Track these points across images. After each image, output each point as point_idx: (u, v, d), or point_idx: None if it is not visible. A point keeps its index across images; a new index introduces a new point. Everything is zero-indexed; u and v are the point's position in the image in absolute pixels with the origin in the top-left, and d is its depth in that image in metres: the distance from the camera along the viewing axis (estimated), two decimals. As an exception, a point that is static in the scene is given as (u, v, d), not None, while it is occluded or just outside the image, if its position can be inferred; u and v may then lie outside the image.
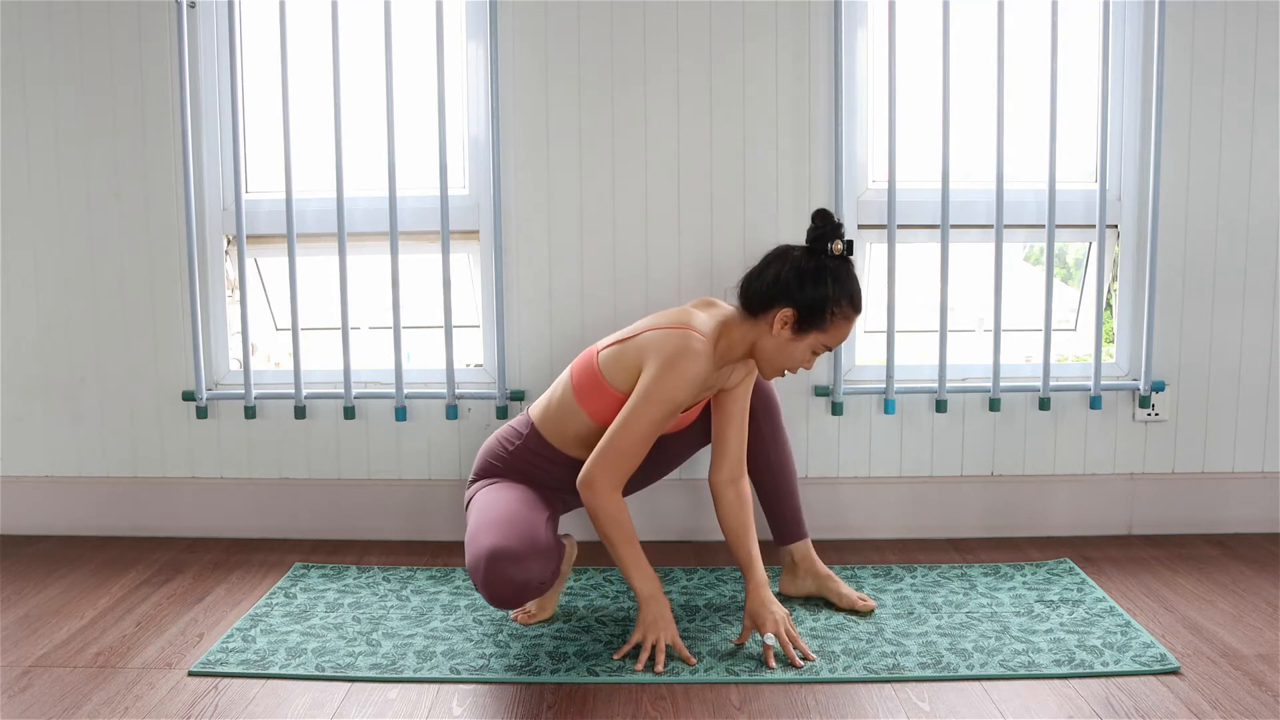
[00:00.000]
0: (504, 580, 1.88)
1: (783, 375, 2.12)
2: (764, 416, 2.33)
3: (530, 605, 2.25)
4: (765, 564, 2.55)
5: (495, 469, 2.19)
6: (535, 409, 2.19)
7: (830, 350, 2.11)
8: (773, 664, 1.99)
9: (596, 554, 2.64)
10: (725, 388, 2.20)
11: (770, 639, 2.03)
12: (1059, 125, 2.61)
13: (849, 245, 2.05)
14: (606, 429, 2.05)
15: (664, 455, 2.31)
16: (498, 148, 2.66)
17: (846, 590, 2.28)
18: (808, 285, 2.02)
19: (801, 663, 1.99)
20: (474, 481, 2.21)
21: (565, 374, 2.16)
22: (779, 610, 2.09)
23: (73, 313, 2.79)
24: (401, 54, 2.68)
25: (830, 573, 2.32)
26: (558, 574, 2.00)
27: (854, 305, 2.06)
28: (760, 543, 2.72)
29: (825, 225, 2.04)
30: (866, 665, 1.98)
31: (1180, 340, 2.72)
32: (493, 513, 2.01)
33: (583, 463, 2.12)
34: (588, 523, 2.76)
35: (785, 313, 2.02)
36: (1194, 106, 2.65)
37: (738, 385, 2.20)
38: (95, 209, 2.75)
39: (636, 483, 2.30)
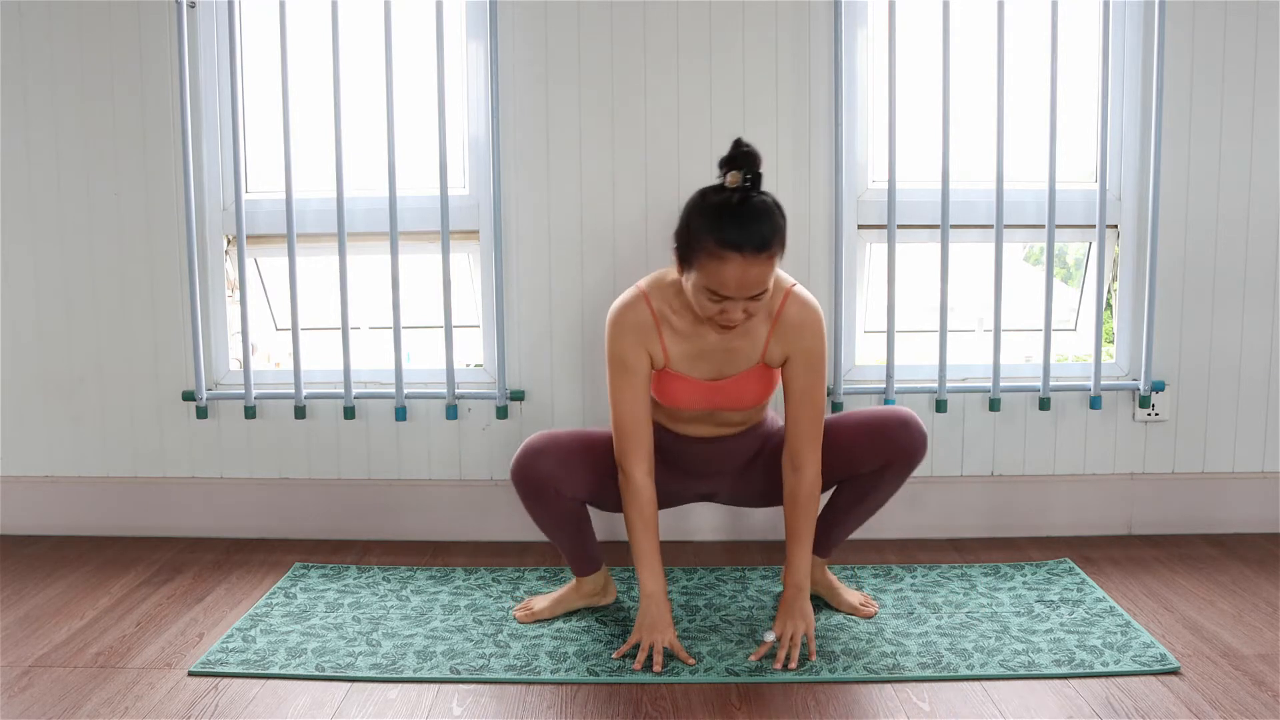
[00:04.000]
0: (519, 463, 2.08)
1: (721, 327, 1.93)
2: (895, 463, 2.11)
3: (532, 603, 2.25)
4: (767, 563, 2.56)
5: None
6: None
7: (733, 299, 1.84)
8: (757, 657, 1.99)
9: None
10: (769, 362, 2.04)
11: (770, 636, 2.02)
12: (1059, 125, 2.61)
13: (750, 179, 1.85)
14: (660, 404, 2.12)
15: (750, 488, 2.24)
16: (498, 148, 2.66)
17: (847, 597, 2.27)
18: (683, 218, 1.89)
19: (795, 664, 1.98)
20: None
21: None
22: (800, 621, 2.03)
23: (73, 313, 2.79)
24: (401, 54, 2.68)
25: (833, 582, 2.29)
26: (574, 494, 2.09)
27: (720, 239, 1.79)
28: (770, 543, 2.73)
29: (733, 152, 1.87)
30: (866, 665, 1.98)
31: (1180, 340, 2.72)
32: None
33: (688, 439, 2.18)
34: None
35: (673, 251, 1.92)
36: (1194, 106, 2.65)
37: (790, 362, 2.03)
38: (95, 209, 2.75)
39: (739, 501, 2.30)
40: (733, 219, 1.82)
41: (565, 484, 2.08)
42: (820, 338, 2.03)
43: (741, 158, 1.87)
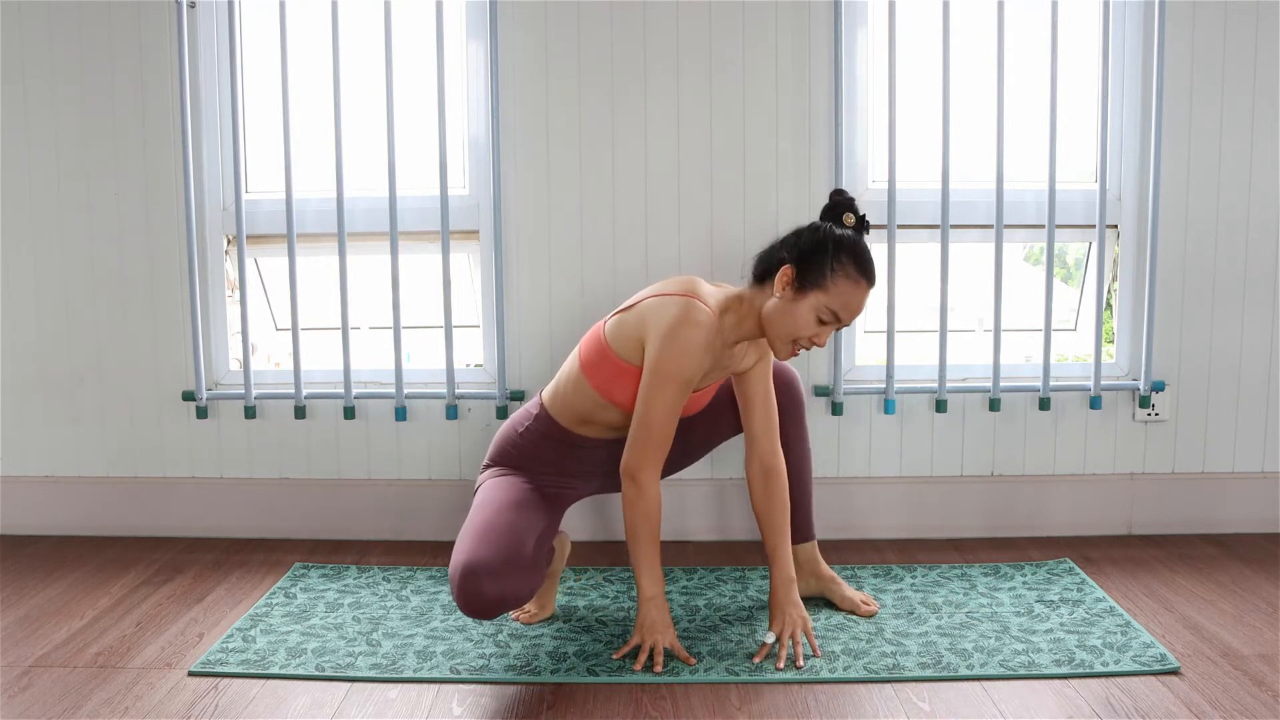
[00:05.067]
0: (476, 594, 1.86)
1: (794, 352, 2.00)
2: (789, 414, 2.28)
3: (530, 605, 2.25)
4: (767, 563, 2.56)
5: (509, 454, 2.18)
6: (546, 389, 2.19)
7: (841, 322, 1.98)
8: (759, 658, 2.00)
9: (596, 554, 2.64)
10: (738, 370, 2.14)
11: (770, 636, 2.03)
12: (1059, 125, 2.61)
13: (862, 220, 2.01)
14: (609, 403, 2.06)
15: (691, 439, 2.27)
16: (498, 148, 2.66)
17: (849, 593, 2.28)
18: (807, 240, 1.97)
19: (802, 663, 1.98)
20: (487, 467, 2.21)
21: (575, 350, 2.15)
22: (794, 612, 2.07)
23: (73, 313, 2.79)
24: (401, 54, 2.68)
25: (834, 575, 2.31)
26: (537, 589, 1.96)
27: (859, 266, 1.96)
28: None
29: (840, 199, 2.02)
30: (866, 665, 1.98)
31: (1180, 340, 2.72)
32: (483, 515, 2.00)
33: (592, 442, 2.15)
34: (586, 520, 2.76)
35: (786, 270, 1.96)
36: (1194, 106, 2.65)
37: (753, 367, 2.14)
38: (95, 209, 2.75)
39: (667, 468, 2.26)
40: (867, 253, 1.98)
41: (523, 597, 1.93)
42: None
43: (850, 202, 2.03)
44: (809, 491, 2.34)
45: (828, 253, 1.95)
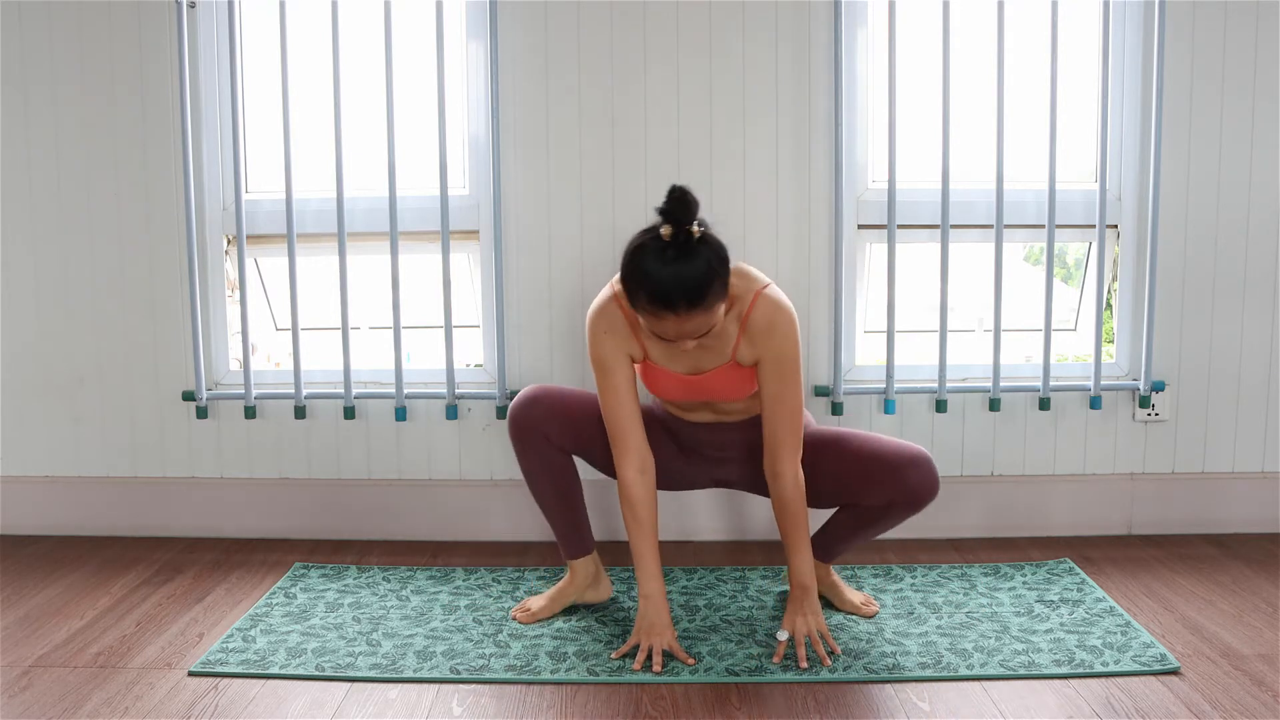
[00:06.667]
0: (512, 409, 2.15)
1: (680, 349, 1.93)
2: (891, 515, 2.10)
3: (529, 603, 2.25)
4: (767, 563, 2.56)
5: None
6: None
7: (667, 339, 1.87)
8: (778, 659, 1.99)
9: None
10: (741, 361, 2.02)
11: (783, 635, 2.02)
12: (1059, 125, 2.61)
13: (679, 236, 1.78)
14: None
15: (698, 457, 2.25)
16: (498, 148, 2.66)
17: (850, 595, 2.27)
18: (623, 261, 1.84)
19: (805, 663, 1.98)
20: None
21: None
22: (810, 617, 2.03)
23: (73, 313, 2.79)
24: (401, 54, 2.68)
25: (836, 579, 2.30)
26: (561, 443, 2.13)
27: (651, 298, 1.78)
28: (770, 543, 2.73)
29: (664, 204, 1.80)
30: (866, 665, 1.98)
31: (1180, 340, 2.72)
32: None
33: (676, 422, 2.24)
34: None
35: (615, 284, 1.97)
36: (1194, 106, 2.65)
37: (761, 366, 2.00)
38: (95, 209, 2.75)
39: (670, 482, 2.28)
40: (666, 282, 1.77)
41: (554, 432, 2.14)
42: (791, 340, 1.97)
43: (676, 207, 1.79)
44: (857, 543, 2.22)
45: (628, 280, 1.83)
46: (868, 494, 2.07)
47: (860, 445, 2.10)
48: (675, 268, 1.77)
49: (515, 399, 2.19)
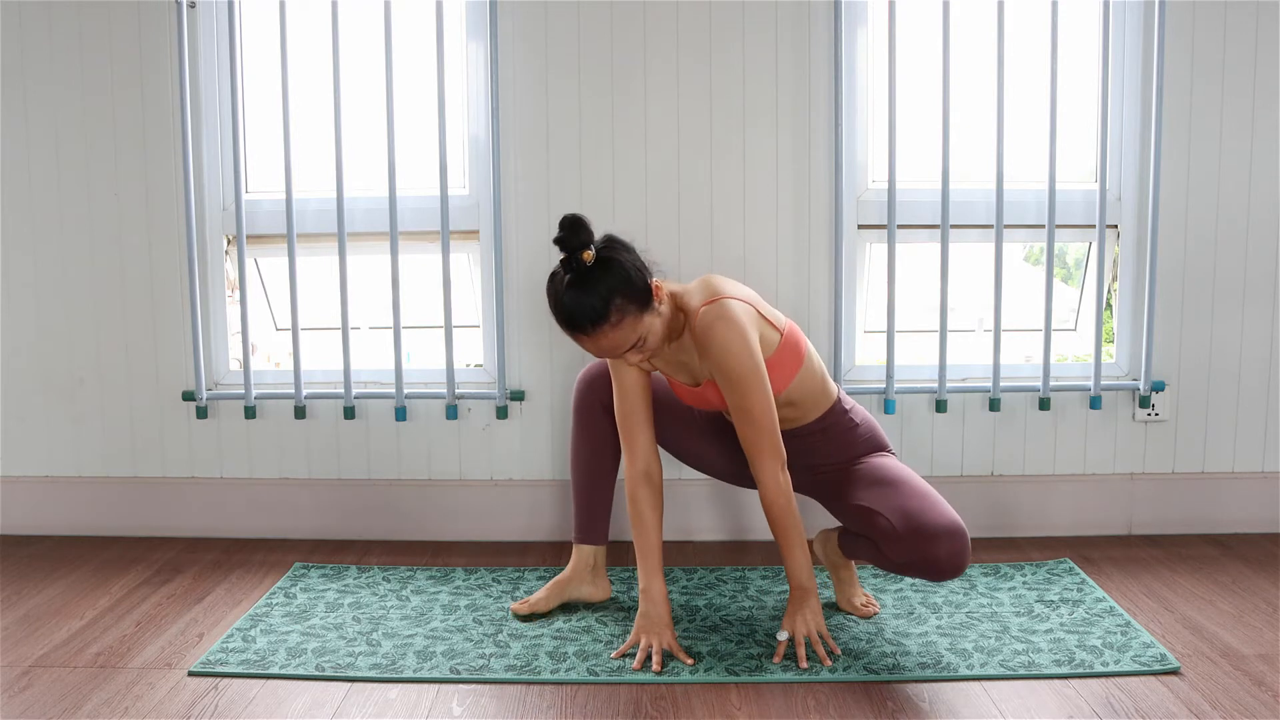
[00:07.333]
0: (581, 377, 2.26)
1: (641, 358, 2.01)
2: (916, 570, 2.02)
3: (529, 598, 2.26)
4: (767, 563, 2.56)
5: None
6: None
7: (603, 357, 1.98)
8: (779, 659, 1.99)
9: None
10: (707, 375, 2.06)
11: (783, 635, 2.02)
12: (1059, 125, 2.61)
13: (571, 261, 1.87)
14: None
15: (701, 436, 2.27)
16: (498, 148, 2.66)
17: (853, 595, 2.26)
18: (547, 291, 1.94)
19: (806, 663, 1.98)
20: None
21: None
22: (809, 618, 2.02)
23: (73, 313, 2.79)
24: (401, 54, 2.68)
25: (853, 570, 2.27)
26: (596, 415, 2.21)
27: (565, 327, 1.90)
28: (770, 542, 2.72)
29: (560, 233, 1.88)
30: (866, 665, 1.98)
31: (1180, 340, 2.72)
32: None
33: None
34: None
35: None
36: (1194, 106, 2.65)
37: (714, 376, 2.00)
38: (95, 209, 2.75)
39: (693, 460, 2.32)
40: (567, 306, 1.88)
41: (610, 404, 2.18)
42: (731, 352, 1.93)
43: (569, 235, 1.87)
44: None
45: (552, 311, 1.93)
46: (891, 549, 1.97)
47: (897, 493, 2.01)
48: (573, 293, 1.87)
49: (585, 370, 2.27)
